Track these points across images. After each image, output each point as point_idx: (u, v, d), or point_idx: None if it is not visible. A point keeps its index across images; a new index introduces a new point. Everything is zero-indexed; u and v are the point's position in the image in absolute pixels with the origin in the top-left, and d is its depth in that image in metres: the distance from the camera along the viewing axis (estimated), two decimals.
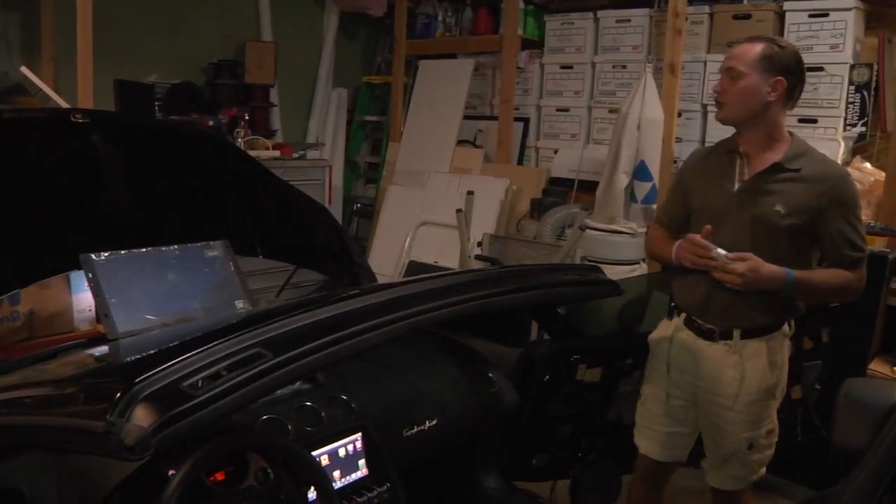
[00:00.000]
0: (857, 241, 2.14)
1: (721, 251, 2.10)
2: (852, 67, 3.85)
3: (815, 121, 3.94)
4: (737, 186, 2.19)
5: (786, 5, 4.02)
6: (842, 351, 2.89)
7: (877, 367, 3.23)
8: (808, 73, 3.87)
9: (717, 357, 2.22)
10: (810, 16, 3.94)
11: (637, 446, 2.43)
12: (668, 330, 2.33)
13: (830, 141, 3.84)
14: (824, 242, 2.15)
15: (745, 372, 2.19)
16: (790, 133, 2.22)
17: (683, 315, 2.29)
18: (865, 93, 3.83)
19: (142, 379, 1.17)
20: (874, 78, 3.82)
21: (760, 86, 2.12)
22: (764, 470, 2.34)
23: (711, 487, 2.38)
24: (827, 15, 3.89)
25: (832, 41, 3.88)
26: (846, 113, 3.88)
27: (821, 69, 3.92)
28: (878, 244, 3.24)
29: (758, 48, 2.13)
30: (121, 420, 1.10)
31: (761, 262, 2.08)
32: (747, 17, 4.15)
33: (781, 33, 4.06)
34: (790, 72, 2.15)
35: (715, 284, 2.16)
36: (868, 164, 3.71)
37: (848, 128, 3.89)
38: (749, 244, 2.12)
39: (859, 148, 3.89)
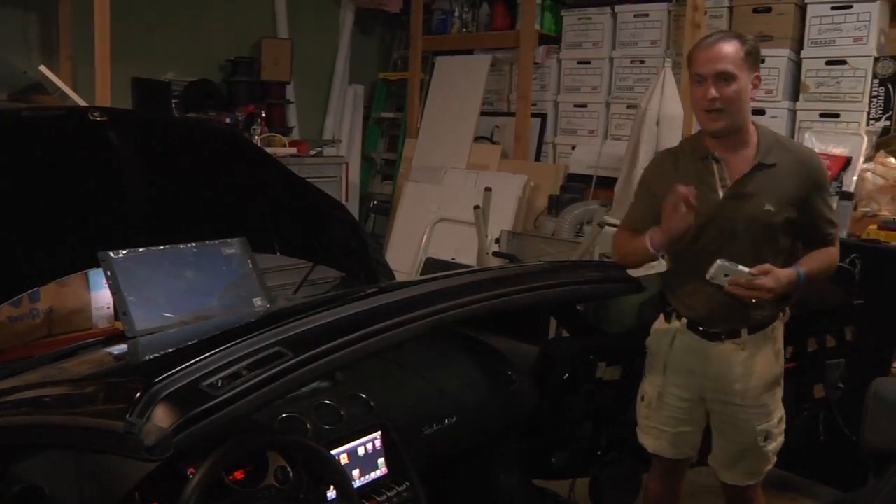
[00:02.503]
0: (834, 218, 2.19)
1: (742, 268, 2.03)
2: (876, 60, 3.79)
3: (836, 115, 3.90)
4: (721, 194, 2.12)
5: None
6: (866, 349, 2.85)
7: None
8: (830, 67, 3.92)
9: (724, 356, 2.18)
10: (833, 8, 3.89)
11: (644, 446, 2.39)
12: (668, 332, 2.27)
13: (853, 135, 3.78)
14: (808, 226, 2.15)
15: (753, 366, 2.17)
16: (752, 122, 2.18)
17: (685, 319, 2.23)
18: (890, 86, 3.77)
19: (161, 379, 1.16)
20: None
21: (748, 85, 2.06)
22: (775, 458, 2.31)
23: (725, 485, 2.34)
24: (850, 7, 3.83)
25: (855, 34, 3.83)
26: (869, 107, 3.83)
27: (843, 62, 3.86)
28: None
29: (738, 45, 2.03)
30: (140, 420, 1.09)
31: (778, 269, 2.04)
32: (767, 10, 4.10)
33: (803, 26, 4.01)
34: (759, 64, 2.13)
35: (716, 296, 2.11)
36: (892, 159, 3.65)
37: (871, 122, 3.83)
38: (748, 247, 2.09)
39: (883, 142, 3.82)
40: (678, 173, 2.19)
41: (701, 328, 2.21)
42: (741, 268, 2.03)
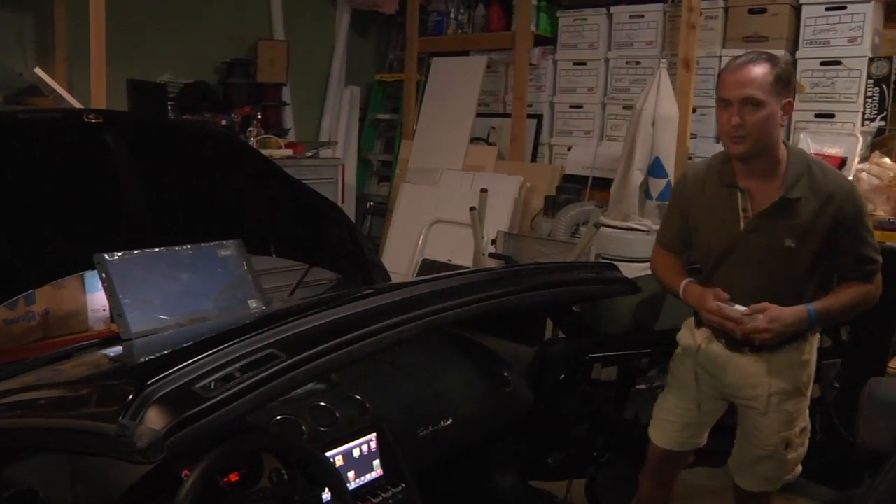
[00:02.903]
0: (870, 254, 2.07)
1: (738, 307, 2.01)
2: (871, 61, 3.80)
3: (832, 115, 3.90)
4: (742, 225, 2.08)
5: None
6: (861, 349, 2.85)
7: None
8: (825, 68, 3.92)
9: (746, 366, 2.17)
10: (827, 9, 3.89)
11: (650, 437, 2.39)
12: (697, 339, 2.26)
13: (848, 136, 3.79)
14: (838, 261, 2.08)
15: (773, 375, 2.14)
16: (784, 143, 2.10)
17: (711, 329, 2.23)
18: (885, 86, 3.77)
19: (154, 381, 1.16)
20: (893, 71, 3.77)
21: (777, 111, 1.99)
22: (800, 469, 2.28)
23: (737, 489, 2.33)
24: (845, 7, 3.83)
25: (850, 34, 3.83)
26: (864, 107, 3.83)
27: (838, 63, 3.87)
28: None
29: (768, 69, 1.97)
30: (133, 422, 1.09)
31: (780, 308, 2.01)
32: (763, 10, 4.10)
33: (797, 27, 4.02)
34: (792, 88, 2.06)
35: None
36: (887, 159, 3.66)
37: (866, 122, 3.83)
38: (765, 278, 2.07)
39: (878, 143, 3.83)
40: (704, 196, 2.18)
41: (724, 339, 2.20)
42: (737, 307, 2.02)
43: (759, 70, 1.97)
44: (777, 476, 2.26)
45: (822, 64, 3.93)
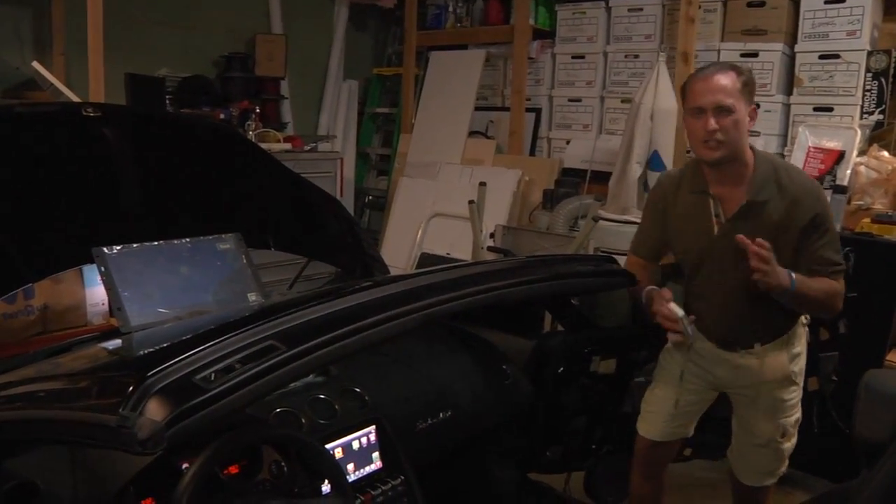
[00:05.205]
0: (835, 257, 2.11)
1: (675, 309, 2.06)
2: (870, 54, 3.80)
3: (830, 109, 3.90)
4: (716, 230, 2.13)
5: None
6: (859, 342, 2.86)
7: (895, 358, 3.19)
8: (824, 61, 3.92)
9: (737, 362, 2.22)
10: (826, 2, 3.89)
11: (637, 430, 2.41)
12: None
13: (847, 129, 3.79)
14: (803, 260, 2.10)
15: (765, 368, 2.19)
16: (752, 149, 2.14)
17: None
18: (883, 80, 3.77)
19: (154, 372, 1.16)
20: (892, 65, 3.77)
21: (745, 117, 2.05)
22: (787, 461, 2.34)
23: (737, 485, 2.36)
24: (843, 1, 3.83)
25: (849, 28, 3.83)
26: (863, 101, 3.83)
27: (837, 56, 3.87)
28: (895, 234, 3.19)
29: (734, 77, 2.03)
30: (133, 414, 1.10)
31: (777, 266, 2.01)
32: (762, 4, 4.10)
33: (796, 21, 4.01)
34: (754, 96, 2.12)
35: (725, 319, 2.14)
36: (885, 153, 3.66)
37: (865, 116, 3.83)
38: (743, 280, 2.07)
39: (877, 136, 3.83)
40: (679, 204, 2.22)
41: (715, 340, 2.24)
42: (672, 306, 2.09)
43: (728, 78, 2.03)
44: (775, 468, 2.30)
45: (821, 57, 3.93)
